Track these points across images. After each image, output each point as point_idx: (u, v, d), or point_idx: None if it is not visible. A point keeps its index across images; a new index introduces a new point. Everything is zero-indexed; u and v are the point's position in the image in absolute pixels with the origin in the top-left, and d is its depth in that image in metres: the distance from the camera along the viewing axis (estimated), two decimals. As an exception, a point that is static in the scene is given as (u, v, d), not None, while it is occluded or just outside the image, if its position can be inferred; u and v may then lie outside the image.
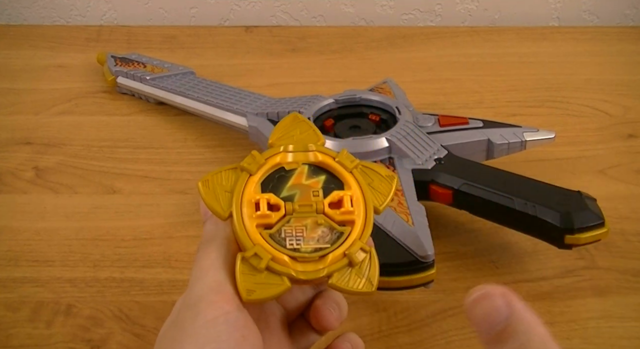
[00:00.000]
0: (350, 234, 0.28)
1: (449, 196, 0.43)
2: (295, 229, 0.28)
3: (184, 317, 0.27)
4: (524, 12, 0.76)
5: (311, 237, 0.28)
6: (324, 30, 0.73)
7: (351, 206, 0.29)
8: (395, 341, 0.39)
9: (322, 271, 0.27)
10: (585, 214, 0.39)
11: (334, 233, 0.28)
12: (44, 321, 0.41)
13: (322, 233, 0.28)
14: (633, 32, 0.71)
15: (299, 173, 0.29)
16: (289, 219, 0.28)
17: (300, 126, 0.31)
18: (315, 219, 0.28)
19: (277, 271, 0.27)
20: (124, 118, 0.59)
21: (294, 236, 0.28)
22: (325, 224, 0.28)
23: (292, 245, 0.28)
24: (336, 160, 0.30)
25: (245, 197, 0.28)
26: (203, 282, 0.27)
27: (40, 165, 0.53)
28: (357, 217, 0.29)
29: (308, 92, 0.53)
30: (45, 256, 0.45)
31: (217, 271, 0.28)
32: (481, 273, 0.43)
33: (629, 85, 0.62)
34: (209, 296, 0.27)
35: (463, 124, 0.48)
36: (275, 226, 0.28)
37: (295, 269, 0.27)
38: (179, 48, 0.70)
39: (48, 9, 0.77)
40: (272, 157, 0.30)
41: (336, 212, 0.29)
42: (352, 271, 0.28)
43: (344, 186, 0.29)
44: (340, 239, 0.28)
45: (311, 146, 0.30)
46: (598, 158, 0.53)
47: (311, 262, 0.27)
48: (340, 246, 0.28)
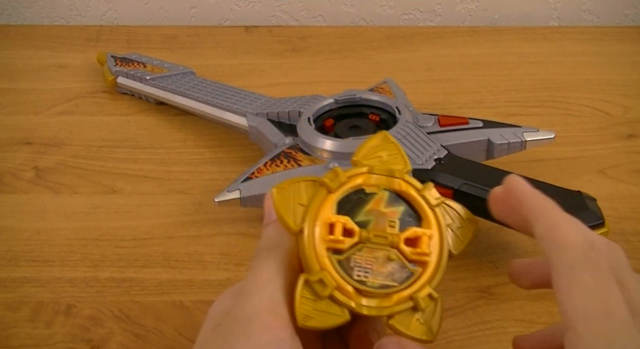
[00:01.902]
0: (420, 276, 0.27)
1: (449, 196, 0.43)
2: (366, 260, 0.27)
3: (233, 332, 0.25)
4: (524, 12, 0.76)
5: (380, 272, 0.27)
6: (324, 30, 0.73)
7: (428, 248, 0.27)
8: (395, 341, 0.39)
9: (385, 310, 0.26)
10: (585, 214, 0.39)
11: (404, 271, 0.27)
12: (44, 321, 0.41)
13: (392, 269, 0.27)
14: (633, 32, 0.71)
15: (378, 198, 0.28)
16: (361, 247, 0.27)
17: (389, 148, 0.29)
18: (388, 253, 0.27)
19: (339, 301, 0.26)
20: (124, 118, 0.59)
21: (362, 267, 0.27)
22: (397, 260, 0.27)
23: (360, 276, 0.26)
24: (420, 193, 0.28)
25: (321, 216, 0.27)
26: (259, 298, 0.26)
27: (40, 165, 0.53)
28: (431, 260, 0.27)
29: (308, 92, 0.53)
30: (45, 256, 0.45)
31: (275, 288, 0.26)
32: (481, 273, 0.43)
33: (629, 85, 0.62)
34: (264, 317, 0.25)
35: (463, 124, 0.48)
36: (345, 252, 0.27)
37: (358, 302, 0.26)
38: (179, 48, 0.70)
39: (48, 9, 0.77)
40: (355, 177, 0.28)
41: (411, 250, 0.27)
42: (414, 315, 0.27)
43: (422, 221, 0.28)
44: (409, 280, 0.27)
45: (398, 172, 0.28)
46: (598, 158, 0.53)
47: (376, 298, 0.26)
48: (409, 287, 0.27)
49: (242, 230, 0.47)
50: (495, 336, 0.39)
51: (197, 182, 0.51)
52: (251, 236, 0.46)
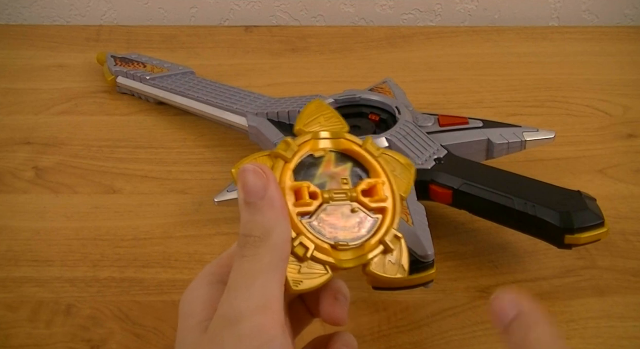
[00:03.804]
0: (384, 222, 0.28)
1: (449, 196, 0.43)
2: (334, 217, 0.28)
3: (223, 335, 0.24)
4: (524, 12, 0.76)
5: (348, 226, 0.28)
6: (324, 30, 0.73)
7: (384, 194, 0.29)
8: (395, 341, 0.39)
9: (362, 259, 0.28)
10: (585, 214, 0.39)
11: (368, 221, 0.28)
12: (44, 321, 0.41)
13: (358, 221, 0.28)
14: (633, 32, 0.71)
15: (327, 161, 0.29)
16: (326, 208, 0.28)
17: (325, 113, 0.31)
18: (351, 208, 0.28)
19: (321, 260, 0.27)
20: (124, 118, 0.59)
21: (332, 225, 0.28)
22: (360, 212, 0.28)
23: (332, 234, 0.28)
24: (363, 147, 0.30)
25: (285, 186, 0.28)
26: (250, 295, 0.25)
27: (40, 165, 0.53)
28: (388, 205, 0.29)
29: (308, 92, 0.53)
30: (45, 256, 0.45)
31: (267, 282, 0.25)
32: (481, 273, 0.43)
33: (629, 85, 0.62)
34: (256, 318, 0.24)
35: (463, 124, 0.48)
36: (313, 215, 0.28)
37: (338, 258, 0.27)
38: (179, 48, 0.70)
39: (48, 9, 0.77)
40: (304, 145, 0.29)
41: (370, 200, 0.29)
42: (386, 258, 0.28)
43: (370, 173, 0.30)
44: (375, 227, 0.28)
45: (339, 133, 0.30)
46: (598, 158, 0.53)
47: (350, 250, 0.28)
48: (376, 234, 0.28)
49: (242, 230, 0.47)
50: (495, 336, 0.39)
51: (197, 182, 0.51)
52: (251, 236, 0.46)
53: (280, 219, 0.26)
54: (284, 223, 0.26)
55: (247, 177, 0.26)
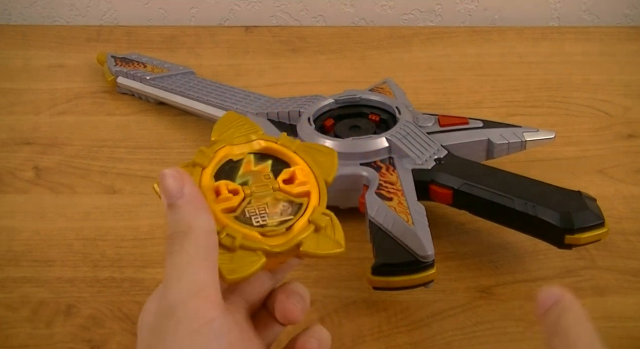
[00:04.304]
0: (309, 203, 0.30)
1: (449, 196, 0.43)
2: (258, 208, 0.29)
3: (163, 326, 0.26)
4: (524, 12, 0.75)
5: (274, 213, 0.29)
6: (324, 30, 0.73)
7: (303, 177, 0.30)
8: (395, 341, 0.39)
9: (293, 241, 0.28)
10: (585, 214, 0.39)
11: (294, 205, 0.30)
12: (44, 321, 0.41)
13: (284, 207, 0.30)
14: (633, 32, 0.71)
15: (246, 162, 0.31)
16: (250, 200, 0.29)
17: (237, 121, 0.32)
18: (274, 196, 0.30)
19: (251, 247, 0.28)
20: (124, 118, 0.59)
21: (258, 214, 0.29)
22: (284, 198, 0.30)
23: (259, 222, 0.29)
24: (279, 143, 0.31)
25: (204, 187, 0.29)
26: (182, 284, 0.26)
27: (40, 165, 0.53)
28: (311, 188, 0.30)
29: (308, 92, 0.53)
30: (45, 256, 0.45)
31: (197, 269, 0.26)
32: (481, 273, 0.43)
33: (629, 85, 0.62)
34: (190, 303, 0.25)
35: (463, 124, 0.48)
36: (237, 208, 0.29)
37: (268, 244, 0.28)
38: (179, 48, 0.70)
39: (48, 9, 0.77)
40: (220, 151, 0.31)
41: (291, 187, 0.30)
42: (319, 236, 0.29)
43: (291, 165, 0.31)
44: (301, 210, 0.29)
45: (252, 136, 0.31)
46: (598, 158, 0.53)
47: (280, 235, 0.29)
48: (303, 215, 0.29)
49: (242, 230, 0.47)
50: (495, 336, 0.39)
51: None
52: (251, 236, 0.46)
53: (200, 212, 0.28)
54: (203, 215, 0.28)
55: (165, 181, 0.28)
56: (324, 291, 0.42)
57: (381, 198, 0.41)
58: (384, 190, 0.42)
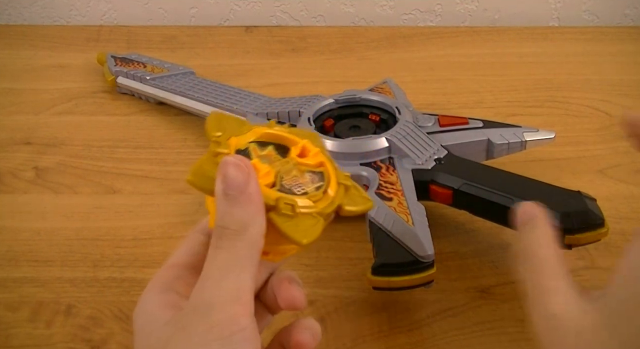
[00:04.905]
0: (329, 169, 0.31)
1: (449, 196, 0.43)
2: (292, 180, 0.29)
3: (193, 323, 0.25)
4: (524, 12, 0.76)
5: (306, 182, 0.30)
6: (324, 30, 0.73)
7: (315, 148, 0.31)
8: (395, 341, 0.39)
9: (335, 201, 0.29)
10: (585, 214, 0.39)
11: (317, 174, 0.30)
12: (44, 321, 0.41)
13: (311, 177, 0.30)
14: (633, 32, 0.71)
15: (252, 149, 0.31)
16: (281, 176, 0.29)
17: (225, 118, 0.32)
18: (298, 169, 0.30)
19: (309, 212, 0.28)
20: (124, 118, 0.59)
21: (295, 185, 0.29)
22: (307, 169, 0.30)
23: (300, 191, 0.29)
24: (271, 129, 0.32)
25: None
26: (223, 285, 0.25)
27: (40, 165, 0.53)
28: (323, 157, 0.31)
29: (308, 92, 0.53)
30: (45, 256, 0.45)
31: (241, 273, 0.26)
32: (481, 273, 0.43)
33: (629, 85, 0.62)
34: (229, 308, 0.25)
35: (463, 124, 0.48)
36: (276, 184, 0.29)
37: (318, 207, 0.28)
38: (179, 48, 0.70)
39: (48, 9, 0.77)
40: (230, 141, 0.31)
41: (307, 159, 0.31)
42: (351, 195, 0.30)
43: (290, 145, 0.31)
44: (325, 176, 0.30)
45: (245, 128, 0.32)
46: (598, 158, 0.53)
47: (321, 199, 0.29)
48: (331, 180, 0.30)
49: (242, 230, 0.47)
50: (495, 336, 0.39)
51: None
52: (251, 236, 0.46)
53: (258, 214, 0.27)
54: (260, 218, 0.27)
55: (228, 170, 0.27)
56: (324, 291, 0.42)
57: (381, 198, 0.41)
58: (384, 190, 0.42)
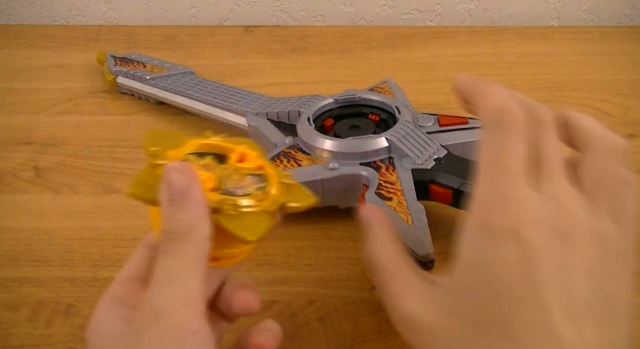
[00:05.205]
0: (270, 172, 0.31)
1: (449, 196, 0.43)
2: (233, 184, 0.30)
3: (146, 330, 0.25)
4: (524, 12, 0.76)
5: (248, 185, 0.30)
6: (324, 30, 0.73)
7: (253, 154, 0.32)
8: (395, 341, 0.39)
9: (279, 200, 0.30)
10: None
11: (258, 177, 0.31)
12: (44, 321, 0.41)
13: (252, 180, 0.31)
14: (633, 32, 0.71)
15: (192, 161, 0.31)
16: (222, 180, 0.30)
17: (162, 134, 0.32)
18: (238, 173, 0.31)
19: (253, 211, 0.29)
20: (124, 118, 0.59)
21: (237, 188, 0.30)
22: (247, 173, 0.31)
23: (243, 193, 0.29)
24: (209, 139, 0.32)
25: None
26: (173, 290, 0.26)
27: (40, 165, 0.53)
28: (263, 162, 0.32)
29: (308, 92, 0.53)
30: (45, 256, 0.45)
31: (190, 277, 0.26)
32: (481, 273, 0.43)
33: (629, 85, 0.62)
34: (180, 312, 0.25)
35: (463, 124, 0.48)
36: (218, 188, 0.29)
37: (262, 206, 0.29)
38: (179, 48, 0.70)
39: (48, 9, 0.77)
40: (167, 153, 0.31)
41: (247, 164, 0.31)
42: (294, 194, 0.31)
43: (228, 154, 0.32)
44: (266, 178, 0.31)
45: (182, 141, 0.32)
46: (598, 158, 0.53)
47: (265, 199, 0.30)
48: (274, 180, 0.31)
49: (242, 230, 0.47)
50: (495, 336, 0.39)
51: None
52: (251, 236, 0.46)
53: (203, 217, 0.27)
54: (206, 221, 0.27)
55: (171, 176, 0.27)
56: (324, 291, 0.42)
57: (381, 198, 0.41)
58: (383, 190, 0.42)
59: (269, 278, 0.43)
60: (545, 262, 0.26)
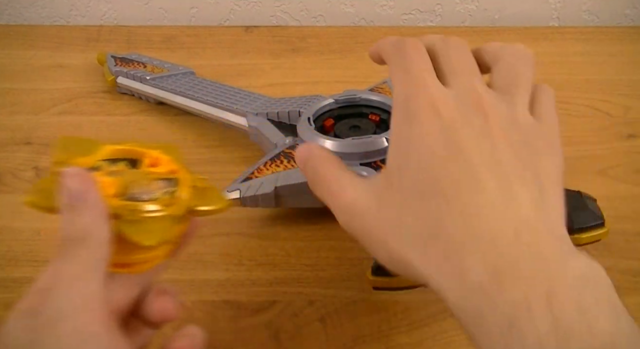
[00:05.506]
0: (181, 176, 0.31)
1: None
2: (139, 188, 0.30)
3: (43, 336, 0.24)
4: (524, 12, 0.76)
5: (156, 189, 0.30)
6: (324, 30, 0.73)
7: (166, 157, 0.32)
8: (395, 341, 0.39)
9: (187, 204, 0.30)
10: (585, 214, 0.39)
11: (169, 181, 0.30)
12: (44, 321, 0.40)
13: (162, 184, 0.30)
14: (633, 32, 0.71)
15: (103, 167, 0.30)
16: (128, 185, 0.30)
17: (74, 141, 0.32)
18: (148, 178, 0.30)
19: (155, 216, 0.28)
20: (124, 118, 0.59)
21: (143, 193, 0.29)
22: (158, 177, 0.30)
23: (149, 197, 0.29)
24: (119, 146, 0.32)
25: None
26: (70, 295, 0.25)
27: (40, 165, 0.53)
28: (176, 165, 0.31)
29: (308, 92, 0.53)
30: (45, 256, 0.45)
31: (88, 282, 0.26)
32: (481, 273, 0.43)
33: (629, 85, 0.62)
34: (76, 317, 0.25)
35: (463, 124, 0.48)
36: (121, 194, 0.29)
37: (167, 211, 0.29)
38: (179, 48, 0.70)
39: (48, 9, 0.77)
40: (74, 162, 0.30)
41: (159, 168, 0.31)
42: (206, 197, 0.31)
43: (142, 159, 0.32)
44: (177, 182, 0.30)
45: (93, 147, 0.32)
46: (598, 158, 0.53)
47: (172, 203, 0.29)
48: (184, 184, 0.30)
49: (242, 230, 0.47)
50: (495, 336, 0.39)
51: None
52: (251, 236, 0.46)
53: (100, 221, 0.27)
54: (102, 225, 0.27)
55: (67, 181, 0.27)
56: (324, 291, 0.42)
57: (381, 198, 0.41)
58: (384, 190, 0.42)
59: (269, 278, 0.43)
60: (465, 131, 0.28)
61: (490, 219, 0.26)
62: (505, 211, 0.27)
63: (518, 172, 0.28)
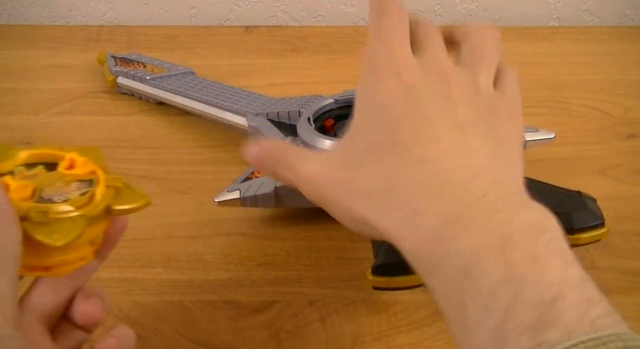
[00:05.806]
0: (98, 177, 0.31)
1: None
2: (53, 190, 0.30)
3: None
4: (524, 12, 0.76)
5: (71, 191, 0.30)
6: (324, 30, 0.73)
7: (81, 159, 0.31)
8: (395, 341, 0.39)
9: (102, 204, 0.29)
10: (585, 214, 0.39)
11: (85, 182, 0.30)
12: (44, 321, 0.40)
13: (77, 185, 0.30)
14: (633, 32, 0.71)
15: (18, 172, 0.31)
16: (42, 188, 0.30)
17: None
18: (63, 180, 0.30)
19: (66, 217, 0.28)
20: (124, 118, 0.59)
21: (56, 195, 0.29)
22: (73, 179, 0.30)
23: (61, 199, 0.29)
24: (39, 150, 0.32)
25: None
26: None
27: (40, 165, 0.53)
28: (93, 167, 0.31)
29: (308, 92, 0.53)
30: None
31: None
32: (481, 273, 0.43)
33: (629, 85, 0.62)
34: None
35: (463, 124, 0.48)
36: (33, 196, 0.29)
37: (80, 212, 0.29)
38: (179, 48, 0.70)
39: (48, 9, 0.77)
40: None
41: (76, 170, 0.31)
42: (123, 196, 0.31)
43: (60, 162, 0.32)
44: (94, 183, 0.30)
45: (12, 151, 0.31)
46: (598, 158, 0.53)
47: (88, 204, 0.29)
48: (100, 184, 0.30)
49: (242, 230, 0.47)
50: (495, 336, 0.39)
51: (197, 182, 0.51)
52: (251, 236, 0.46)
53: (8, 223, 0.27)
54: (12, 226, 0.27)
55: None
56: (324, 291, 0.42)
57: (381, 198, 0.41)
58: (384, 190, 0.42)
59: (269, 278, 0.43)
60: (426, 93, 0.29)
61: (444, 168, 0.27)
62: (460, 160, 0.27)
63: (477, 130, 0.29)
